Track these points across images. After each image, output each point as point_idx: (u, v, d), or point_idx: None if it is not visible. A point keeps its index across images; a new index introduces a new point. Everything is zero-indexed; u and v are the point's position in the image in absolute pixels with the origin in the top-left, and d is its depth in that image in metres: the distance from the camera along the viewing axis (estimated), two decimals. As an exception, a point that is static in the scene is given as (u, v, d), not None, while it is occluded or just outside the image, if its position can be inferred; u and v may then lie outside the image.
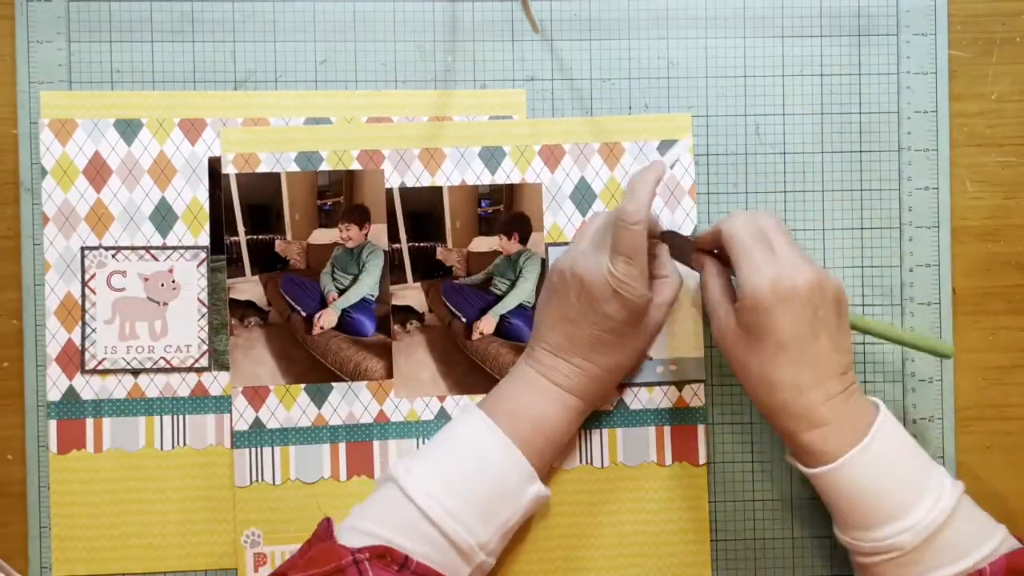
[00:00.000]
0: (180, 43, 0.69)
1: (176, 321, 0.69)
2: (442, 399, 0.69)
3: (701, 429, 0.70)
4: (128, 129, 0.69)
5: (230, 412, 0.69)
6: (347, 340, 0.69)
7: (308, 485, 0.68)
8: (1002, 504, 0.71)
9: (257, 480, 0.68)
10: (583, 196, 0.70)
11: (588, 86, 0.71)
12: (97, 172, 0.68)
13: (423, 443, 0.68)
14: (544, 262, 0.70)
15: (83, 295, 0.68)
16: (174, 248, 0.69)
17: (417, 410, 0.69)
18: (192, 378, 0.69)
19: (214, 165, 0.69)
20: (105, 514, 0.68)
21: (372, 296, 0.69)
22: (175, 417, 0.69)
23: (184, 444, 0.69)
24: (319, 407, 0.69)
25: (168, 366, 0.69)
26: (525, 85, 0.70)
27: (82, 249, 0.68)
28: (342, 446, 0.69)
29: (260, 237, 0.69)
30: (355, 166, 0.69)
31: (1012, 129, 0.71)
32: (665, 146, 0.70)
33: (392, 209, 0.69)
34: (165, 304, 0.69)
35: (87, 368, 0.68)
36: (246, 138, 0.68)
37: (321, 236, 0.69)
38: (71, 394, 0.68)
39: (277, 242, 0.69)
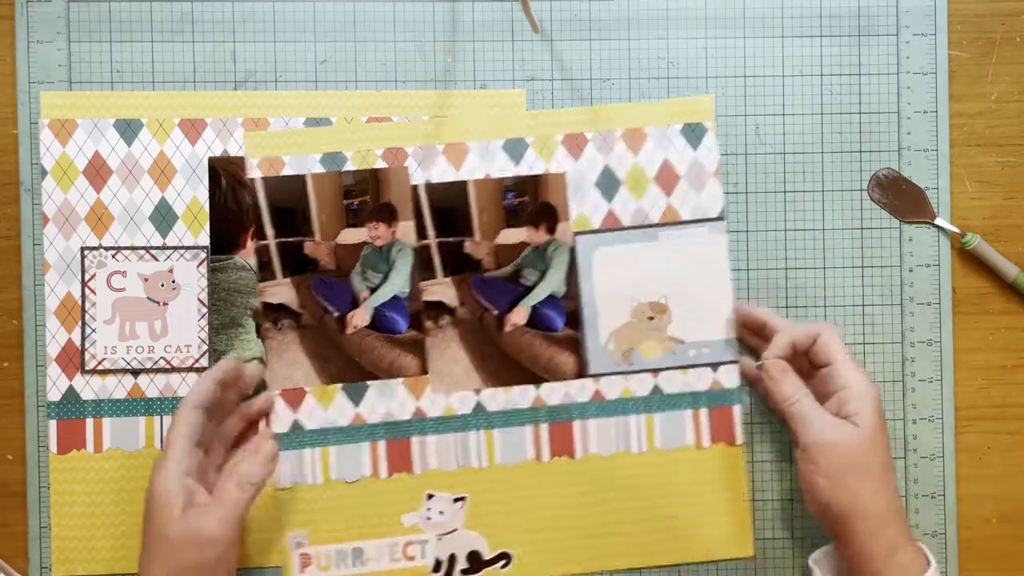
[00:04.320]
0: (180, 43, 0.69)
1: (176, 321, 0.69)
2: (477, 392, 0.69)
3: (737, 409, 0.70)
4: (128, 129, 0.69)
5: (230, 412, 0.69)
6: (381, 338, 0.69)
7: (349, 484, 0.69)
8: (1002, 504, 0.71)
9: (299, 481, 0.68)
10: (608, 183, 0.70)
11: (588, 86, 0.71)
12: (97, 172, 0.69)
13: (458, 439, 0.69)
14: (573, 251, 0.70)
15: (83, 295, 0.68)
16: (174, 248, 0.69)
17: (454, 405, 0.69)
18: (192, 378, 0.69)
19: (214, 165, 0.69)
20: (105, 514, 0.68)
21: (403, 293, 0.69)
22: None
23: (184, 444, 0.69)
24: (357, 406, 0.69)
25: (168, 366, 0.69)
26: (525, 85, 0.70)
27: (82, 249, 0.68)
28: (381, 444, 0.69)
29: (289, 240, 0.69)
30: (379, 164, 0.69)
31: (1012, 129, 0.71)
32: (688, 130, 0.70)
33: (418, 206, 0.69)
34: (165, 304, 0.69)
35: (87, 368, 0.68)
36: (270, 142, 0.68)
37: (350, 236, 0.69)
38: (71, 394, 0.68)
39: (306, 244, 0.69)
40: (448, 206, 0.69)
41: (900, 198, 0.71)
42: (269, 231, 0.69)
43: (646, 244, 0.69)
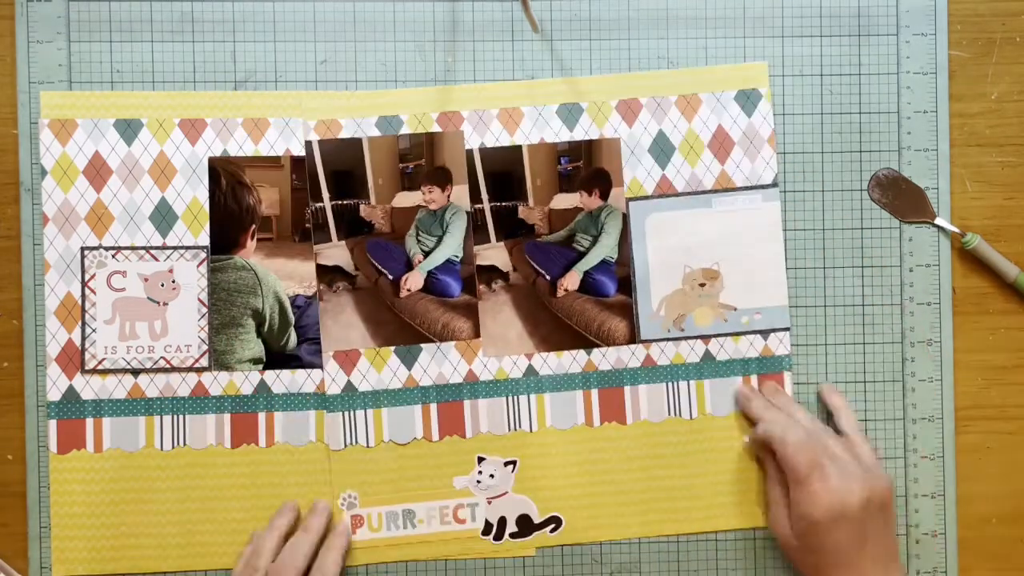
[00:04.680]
0: (180, 43, 0.69)
1: (176, 321, 0.69)
2: (529, 356, 0.70)
3: (787, 376, 0.70)
4: (128, 129, 0.69)
5: (229, 412, 0.69)
6: (434, 301, 0.70)
7: (401, 446, 0.69)
8: (1002, 504, 0.71)
9: (351, 443, 0.69)
10: (662, 149, 0.70)
11: (588, 86, 0.71)
12: (97, 172, 0.69)
13: (509, 403, 0.69)
14: (625, 217, 0.70)
15: (83, 295, 0.68)
16: (174, 248, 0.69)
17: (506, 368, 0.69)
18: (192, 378, 0.69)
19: (214, 165, 0.69)
20: (105, 514, 0.68)
21: (457, 257, 0.70)
22: (175, 417, 0.69)
23: (184, 444, 0.69)
24: (409, 368, 0.69)
25: (168, 366, 0.69)
26: (525, 85, 0.71)
27: (82, 249, 0.68)
28: (433, 407, 0.69)
29: (345, 202, 0.70)
30: (435, 128, 0.69)
31: (1012, 129, 0.71)
32: (742, 96, 0.70)
33: (473, 170, 0.70)
34: (165, 304, 0.69)
35: (87, 368, 0.68)
36: (326, 104, 0.69)
37: (404, 199, 0.70)
38: (71, 394, 0.68)
39: (362, 207, 0.70)
40: (502, 170, 0.70)
41: (900, 198, 0.71)
42: (324, 193, 0.69)
43: (699, 210, 0.70)
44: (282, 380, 0.69)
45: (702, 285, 0.70)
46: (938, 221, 0.70)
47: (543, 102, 0.70)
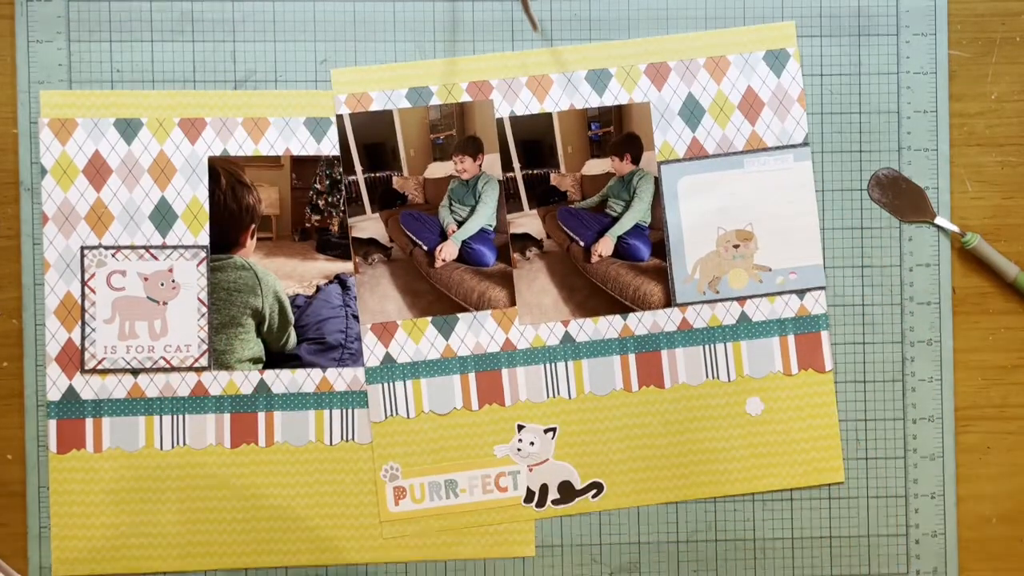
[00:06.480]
0: (180, 43, 0.69)
1: (176, 321, 0.69)
2: (566, 323, 0.70)
3: (825, 335, 0.70)
4: (128, 129, 0.69)
5: (229, 412, 0.69)
6: (469, 271, 0.70)
7: (442, 416, 0.69)
8: (1002, 504, 0.71)
9: (391, 414, 0.69)
10: (692, 112, 0.70)
11: (588, 86, 0.71)
12: (97, 172, 0.69)
13: (547, 370, 0.69)
14: (657, 181, 0.70)
15: (83, 295, 0.68)
16: (174, 248, 0.69)
17: (542, 336, 0.70)
18: (192, 378, 0.69)
19: (214, 164, 0.69)
20: (105, 514, 0.68)
21: (490, 226, 0.70)
22: (175, 417, 0.69)
23: (184, 444, 0.69)
24: (447, 339, 0.70)
25: (168, 366, 0.69)
26: (525, 85, 0.71)
27: (82, 249, 0.68)
28: (472, 376, 0.70)
29: (377, 175, 0.70)
30: (464, 98, 0.70)
31: (1012, 129, 0.71)
32: (771, 56, 0.70)
33: (504, 138, 0.70)
34: (165, 304, 0.69)
35: (87, 368, 0.68)
36: (356, 78, 0.69)
37: (436, 170, 0.70)
38: (71, 394, 0.68)
39: (394, 178, 0.70)
40: (533, 138, 0.70)
41: (900, 198, 0.71)
42: (357, 166, 0.69)
43: (731, 172, 0.70)
44: (282, 380, 0.69)
45: (736, 247, 0.70)
46: (938, 221, 0.70)
47: (571, 68, 0.70)
